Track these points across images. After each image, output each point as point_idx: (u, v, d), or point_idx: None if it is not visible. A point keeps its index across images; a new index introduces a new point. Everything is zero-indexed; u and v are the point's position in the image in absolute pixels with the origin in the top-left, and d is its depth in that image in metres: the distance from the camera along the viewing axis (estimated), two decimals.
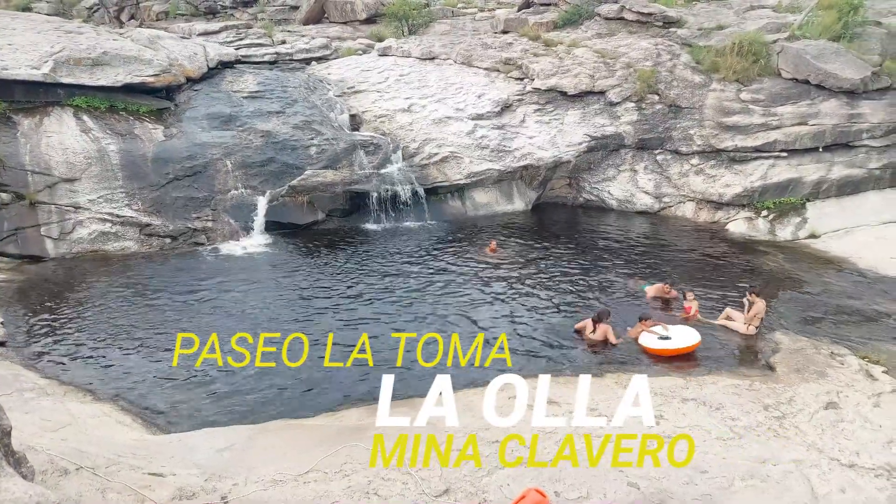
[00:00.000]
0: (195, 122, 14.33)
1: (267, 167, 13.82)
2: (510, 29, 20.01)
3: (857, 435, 6.59)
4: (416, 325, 9.38)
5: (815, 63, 15.28)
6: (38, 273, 11.14)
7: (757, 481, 5.71)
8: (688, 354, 8.59)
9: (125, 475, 4.87)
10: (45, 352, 8.36)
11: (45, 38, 14.14)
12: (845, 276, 11.94)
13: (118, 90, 13.92)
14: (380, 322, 9.50)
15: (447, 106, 16.05)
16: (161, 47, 15.68)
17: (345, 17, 24.38)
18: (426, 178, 14.81)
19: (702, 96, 15.87)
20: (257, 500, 4.98)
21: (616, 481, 5.54)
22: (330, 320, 9.54)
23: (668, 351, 8.54)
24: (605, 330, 8.85)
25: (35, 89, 13.14)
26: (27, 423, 5.78)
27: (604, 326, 8.87)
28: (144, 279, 10.99)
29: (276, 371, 8.02)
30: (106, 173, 12.74)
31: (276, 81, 16.33)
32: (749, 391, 7.44)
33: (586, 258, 12.48)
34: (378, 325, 9.37)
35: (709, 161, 15.50)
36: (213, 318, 9.53)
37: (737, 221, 14.84)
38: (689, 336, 8.73)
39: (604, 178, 16.28)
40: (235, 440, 6.14)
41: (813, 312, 10.15)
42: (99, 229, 12.29)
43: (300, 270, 11.60)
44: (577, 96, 16.18)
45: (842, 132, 15.02)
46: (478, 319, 9.61)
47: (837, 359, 8.42)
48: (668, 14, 18.22)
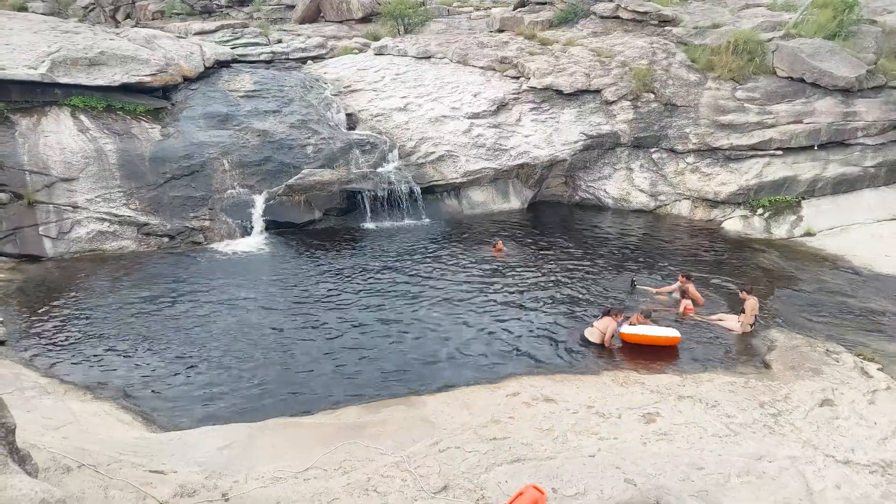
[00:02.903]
0: (192, 122, 14.33)
1: (264, 166, 13.84)
2: (506, 28, 20.04)
3: (853, 432, 6.67)
4: (415, 324, 9.42)
5: (810, 61, 15.37)
6: (36, 272, 11.15)
7: (753, 478, 5.77)
8: (668, 349, 8.62)
9: (127, 473, 4.90)
10: (45, 350, 8.38)
11: (42, 38, 14.12)
12: (840, 273, 12.02)
13: (115, 90, 13.91)
14: (378, 320, 9.53)
15: (443, 105, 16.09)
16: (158, 47, 15.67)
17: (341, 16, 24.38)
18: (422, 176, 14.84)
19: (697, 95, 15.94)
20: (258, 497, 5.02)
21: (613, 478, 5.59)
22: (328, 319, 9.57)
23: (641, 337, 8.61)
24: (605, 324, 8.85)
25: (32, 89, 13.12)
26: (29, 422, 5.80)
27: (606, 320, 8.86)
28: (143, 278, 11.00)
29: (275, 369, 8.06)
30: (104, 173, 12.75)
31: (272, 81, 16.33)
32: (745, 388, 7.51)
33: (583, 257, 12.54)
34: (376, 324, 9.41)
35: (704, 159, 15.58)
36: (212, 317, 9.55)
37: (732, 219, 14.92)
38: (667, 330, 8.80)
39: (600, 177, 16.34)
40: (236, 438, 6.18)
41: (808, 310, 10.23)
42: (97, 229, 12.29)
43: (298, 269, 11.63)
44: (572, 95, 16.23)
45: (837, 130, 15.11)
46: (475, 317, 9.65)
47: (833, 356, 8.50)
48: (663, 13, 18.28)
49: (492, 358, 8.42)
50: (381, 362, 8.28)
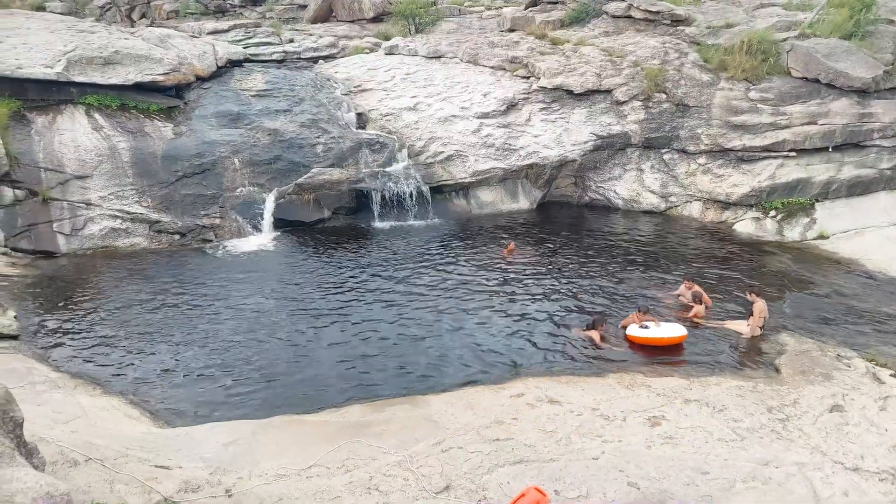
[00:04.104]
0: (204, 121, 14.46)
1: (274, 165, 13.93)
2: (517, 27, 20.00)
3: (863, 438, 6.57)
4: (421, 323, 9.43)
5: (825, 62, 15.17)
6: (50, 268, 11.31)
7: (759, 483, 5.72)
8: (672, 348, 8.63)
9: (133, 467, 4.96)
10: (57, 345, 8.50)
11: (58, 38, 14.33)
12: (854, 277, 11.86)
13: (129, 88, 14.07)
14: (384, 319, 9.55)
15: (453, 104, 16.08)
16: (171, 46, 15.82)
17: (352, 16, 24.47)
18: (431, 176, 14.85)
19: (710, 95, 15.80)
20: (261, 493, 5.06)
21: (616, 481, 5.57)
22: (335, 317, 9.61)
23: (649, 340, 8.61)
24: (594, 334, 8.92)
25: (48, 88, 13.32)
26: (39, 415, 5.89)
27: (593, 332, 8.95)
28: (154, 275, 11.13)
29: (281, 366, 8.11)
30: (117, 171, 12.90)
31: (283, 80, 16.43)
32: (753, 393, 7.43)
33: (592, 258, 12.48)
34: (382, 323, 9.43)
35: (716, 160, 15.43)
36: (221, 314, 9.63)
37: (744, 221, 14.77)
38: (673, 329, 8.83)
39: (610, 178, 16.25)
40: (240, 435, 6.23)
41: (820, 314, 10.08)
42: (110, 226, 12.44)
43: (307, 267, 11.69)
44: (583, 95, 16.15)
45: (852, 132, 14.90)
46: (482, 317, 9.64)
47: (844, 361, 8.38)
48: (676, 12, 18.14)
49: (497, 358, 8.41)
50: (386, 361, 8.30)
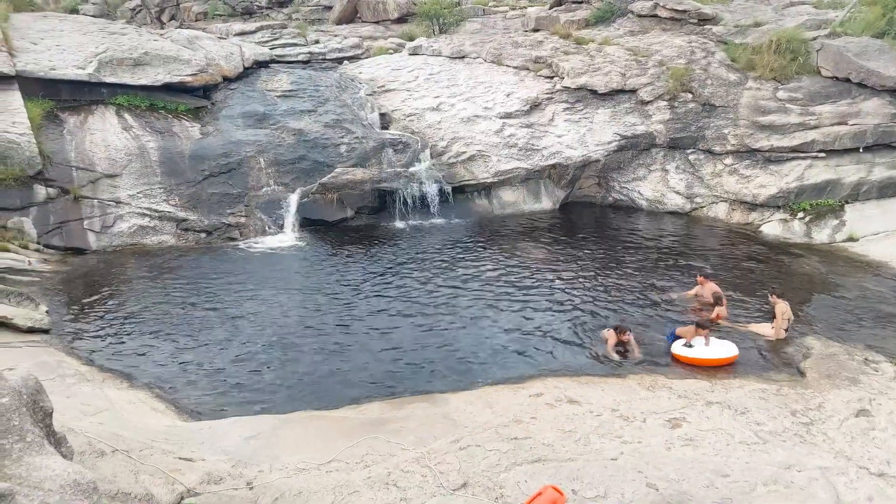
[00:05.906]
0: (230, 121, 14.73)
1: (298, 165, 14.12)
2: (541, 27, 19.92)
3: (889, 444, 6.41)
4: (441, 322, 9.48)
5: (856, 61, 14.82)
6: (80, 265, 11.63)
7: (780, 487, 5.62)
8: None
9: (157, 459, 5.09)
10: (87, 340, 8.75)
11: (90, 39, 14.73)
12: (884, 280, 11.56)
13: (158, 89, 14.41)
14: (405, 317, 9.63)
15: (476, 104, 16.10)
16: (199, 47, 16.15)
17: (377, 17, 24.64)
18: (453, 176, 14.89)
19: (737, 95, 15.55)
20: (281, 486, 5.15)
21: (635, 482, 5.53)
22: (357, 314, 9.71)
23: (694, 360, 8.31)
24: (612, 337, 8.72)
25: (80, 88, 13.71)
26: (68, 407, 6.09)
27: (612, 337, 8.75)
28: (180, 272, 11.37)
29: (302, 363, 8.23)
30: (145, 170, 13.22)
31: (308, 81, 16.64)
32: (776, 396, 7.30)
33: (615, 259, 12.38)
34: (403, 320, 9.50)
35: (743, 161, 15.18)
36: (245, 311, 9.80)
37: (771, 223, 14.50)
38: (723, 348, 8.40)
39: (634, 178, 16.10)
40: (262, 429, 6.35)
41: (848, 317, 9.87)
42: (138, 223, 12.75)
43: (330, 266, 11.84)
44: (607, 95, 16.03)
45: (884, 132, 14.52)
46: (502, 316, 9.65)
47: (871, 365, 8.19)
48: (702, 11, 17.89)
49: (517, 358, 8.41)
50: (406, 359, 8.37)
